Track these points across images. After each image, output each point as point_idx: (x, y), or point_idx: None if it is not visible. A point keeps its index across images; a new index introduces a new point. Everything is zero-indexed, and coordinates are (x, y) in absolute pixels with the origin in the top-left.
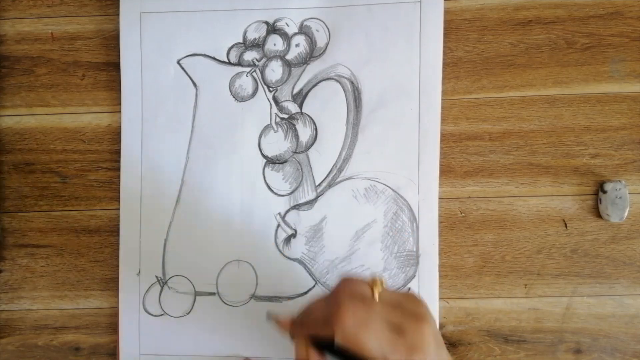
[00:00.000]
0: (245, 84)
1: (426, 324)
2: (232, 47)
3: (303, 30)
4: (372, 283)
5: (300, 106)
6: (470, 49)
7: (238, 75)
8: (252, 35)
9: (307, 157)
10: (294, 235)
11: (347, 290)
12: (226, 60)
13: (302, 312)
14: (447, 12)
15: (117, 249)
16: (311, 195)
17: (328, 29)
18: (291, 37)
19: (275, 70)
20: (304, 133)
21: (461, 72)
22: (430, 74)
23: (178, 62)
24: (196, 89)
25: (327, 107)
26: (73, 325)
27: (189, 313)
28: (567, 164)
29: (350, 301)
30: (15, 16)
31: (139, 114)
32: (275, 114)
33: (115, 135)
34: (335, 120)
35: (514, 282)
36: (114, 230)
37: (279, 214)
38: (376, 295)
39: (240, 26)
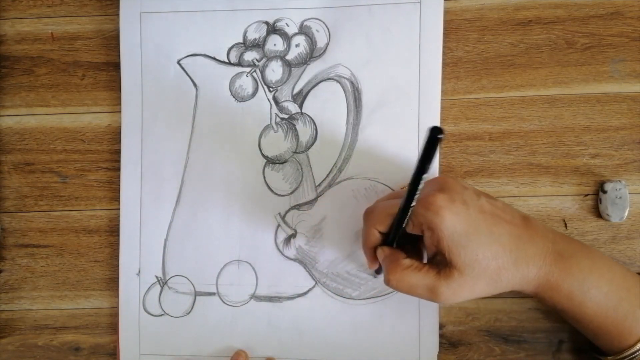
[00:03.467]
0: (246, 84)
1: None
2: (232, 47)
3: (303, 30)
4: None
5: (301, 106)
6: (470, 49)
7: (238, 75)
8: (252, 35)
9: (307, 157)
10: (294, 235)
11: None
12: (226, 60)
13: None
14: (447, 12)
15: (117, 249)
16: (311, 195)
17: (328, 29)
18: (291, 37)
19: (275, 71)
20: (304, 133)
21: (461, 72)
22: (430, 74)
23: (178, 62)
24: (196, 89)
25: (327, 107)
26: (73, 325)
27: (189, 313)
28: (567, 164)
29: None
30: (15, 16)
31: (139, 114)
32: (275, 114)
33: (115, 135)
34: (336, 121)
35: None
36: (114, 230)
37: (279, 214)
38: None
39: (241, 26)
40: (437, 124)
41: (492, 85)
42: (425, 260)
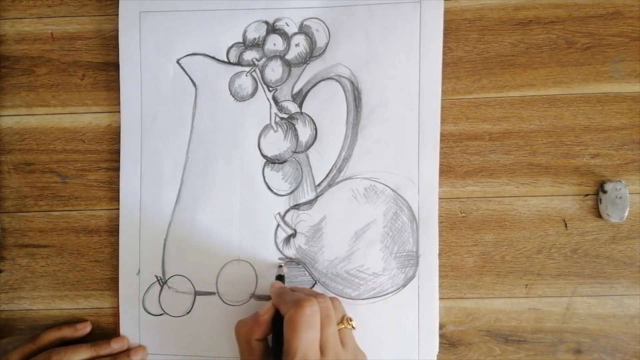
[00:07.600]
0: (245, 83)
1: None
2: (231, 46)
3: (303, 30)
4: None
5: (300, 106)
6: (470, 49)
7: (238, 74)
8: (252, 34)
9: (307, 157)
10: (293, 235)
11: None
12: (226, 59)
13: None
14: (447, 12)
15: (117, 249)
16: (311, 195)
17: (328, 28)
18: (291, 36)
19: (275, 70)
20: (304, 133)
21: (461, 72)
22: (430, 74)
23: (177, 62)
24: (196, 89)
25: (327, 107)
26: None
27: (189, 313)
28: (567, 164)
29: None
30: (15, 16)
31: (138, 114)
32: (275, 113)
33: (115, 135)
34: (335, 120)
35: (514, 282)
36: (114, 230)
37: (279, 214)
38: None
39: (240, 26)
40: (437, 123)
41: (492, 85)
42: None
